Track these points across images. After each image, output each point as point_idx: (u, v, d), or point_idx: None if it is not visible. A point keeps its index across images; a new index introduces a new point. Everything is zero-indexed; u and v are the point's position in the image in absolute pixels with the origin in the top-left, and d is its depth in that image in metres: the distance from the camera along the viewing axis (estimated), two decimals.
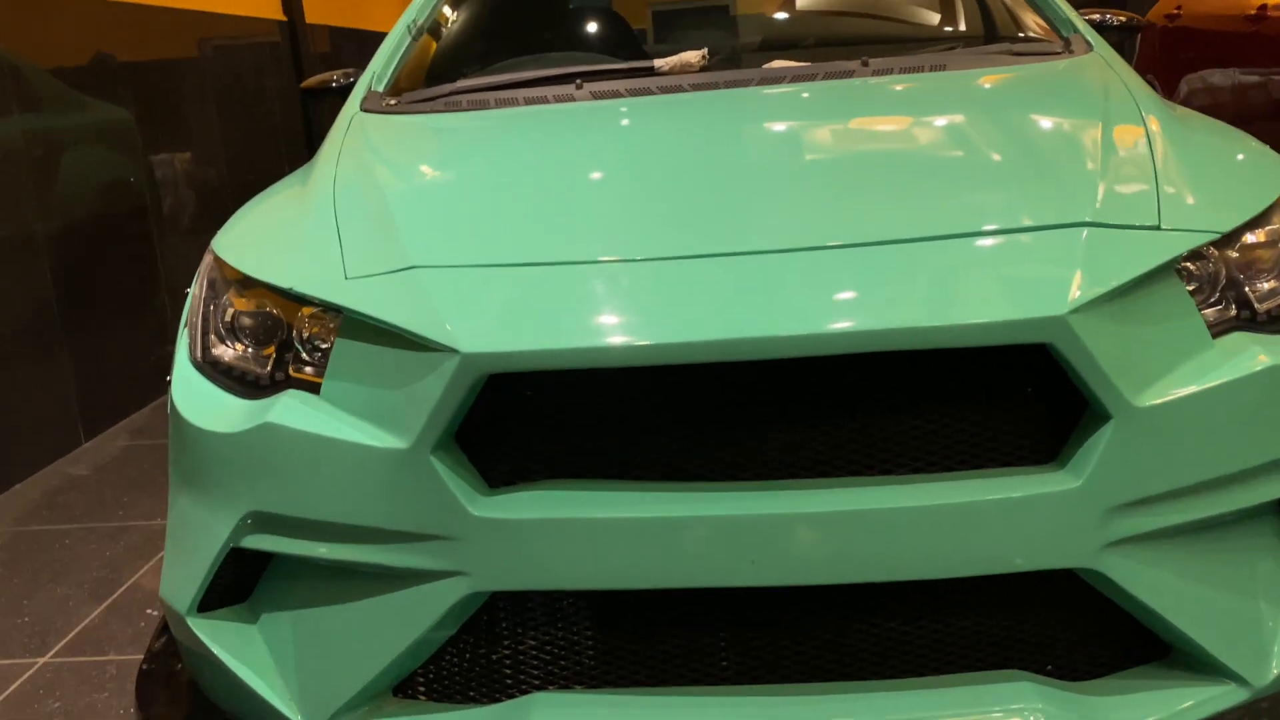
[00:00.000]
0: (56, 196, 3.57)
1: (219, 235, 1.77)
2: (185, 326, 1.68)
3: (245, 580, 1.55)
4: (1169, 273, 1.36)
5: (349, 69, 2.69)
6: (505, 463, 1.40)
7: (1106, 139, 1.61)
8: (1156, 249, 1.36)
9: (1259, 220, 1.48)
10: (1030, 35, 2.42)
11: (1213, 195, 1.49)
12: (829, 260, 1.37)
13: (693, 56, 2.22)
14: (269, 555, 1.51)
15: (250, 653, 1.51)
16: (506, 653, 1.44)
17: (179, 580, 1.55)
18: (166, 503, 1.63)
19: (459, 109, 2.11)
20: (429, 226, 1.56)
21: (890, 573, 1.30)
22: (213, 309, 1.63)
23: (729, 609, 1.40)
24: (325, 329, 1.50)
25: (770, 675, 1.39)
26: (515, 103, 2.09)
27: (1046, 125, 1.74)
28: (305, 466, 1.40)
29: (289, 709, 1.46)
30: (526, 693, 1.42)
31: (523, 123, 1.98)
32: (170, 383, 1.62)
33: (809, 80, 2.03)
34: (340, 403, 1.42)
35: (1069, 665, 1.39)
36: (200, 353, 1.61)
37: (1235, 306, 1.43)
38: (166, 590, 1.59)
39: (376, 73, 2.41)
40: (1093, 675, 1.38)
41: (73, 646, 2.25)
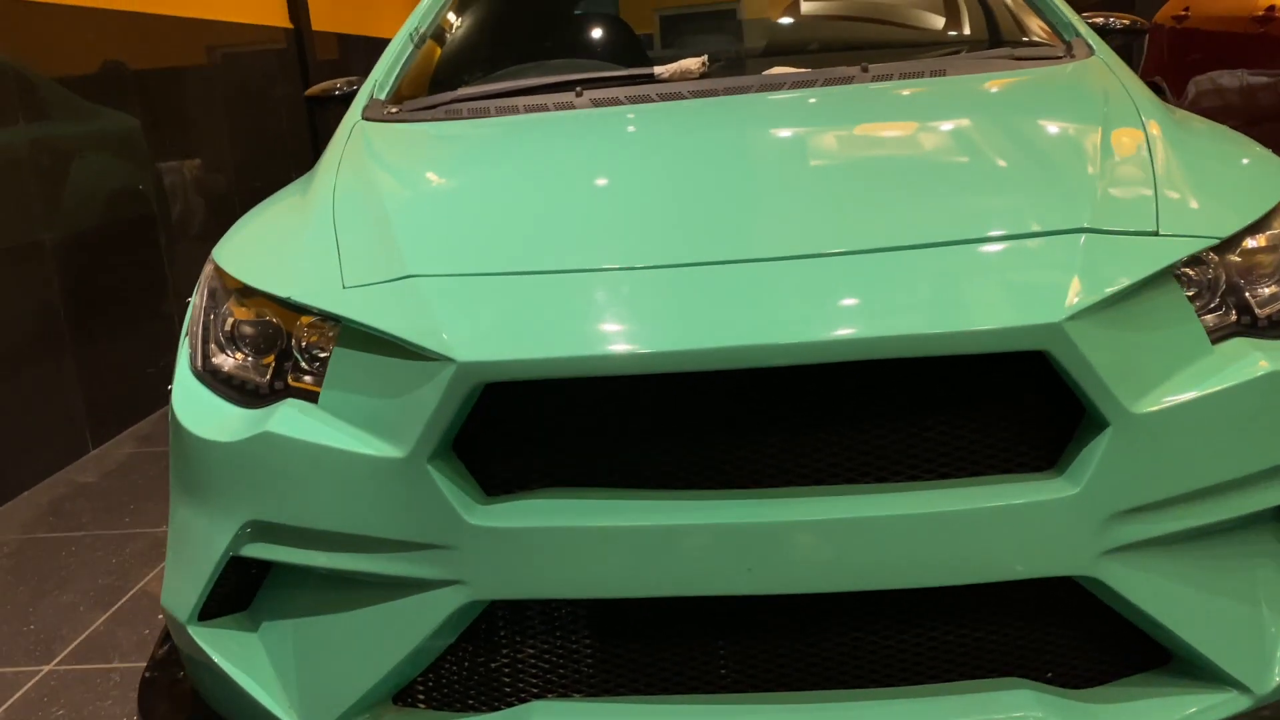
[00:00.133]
0: (64, 204, 3.59)
1: (220, 244, 1.78)
2: (186, 336, 1.69)
3: (246, 589, 1.56)
4: (1167, 278, 1.35)
5: (352, 77, 2.69)
6: (503, 471, 1.40)
7: (1106, 144, 1.60)
8: (1154, 254, 1.35)
9: (1259, 225, 1.47)
10: (1032, 39, 2.41)
11: (1212, 200, 1.48)
12: (824, 268, 1.36)
13: (692, 63, 2.22)
14: (269, 564, 1.52)
15: (251, 661, 1.52)
16: (505, 661, 1.44)
17: (180, 589, 1.56)
18: None
19: (459, 117, 2.11)
20: (427, 235, 1.56)
21: (888, 581, 1.29)
22: (213, 318, 1.63)
23: (728, 617, 1.40)
24: (324, 338, 1.50)
25: (769, 683, 1.39)
26: (515, 110, 2.09)
27: (1045, 130, 1.73)
28: (303, 476, 1.41)
29: (289, 717, 1.46)
30: (525, 701, 1.42)
31: (522, 131, 1.98)
32: (171, 392, 1.63)
33: (808, 86, 2.02)
34: (338, 412, 1.42)
35: (1069, 673, 1.38)
36: (200, 362, 1.61)
37: (1235, 312, 1.42)
38: (168, 599, 1.59)
39: (379, 81, 2.42)
40: (1093, 683, 1.38)
41: (77, 654, 2.26)
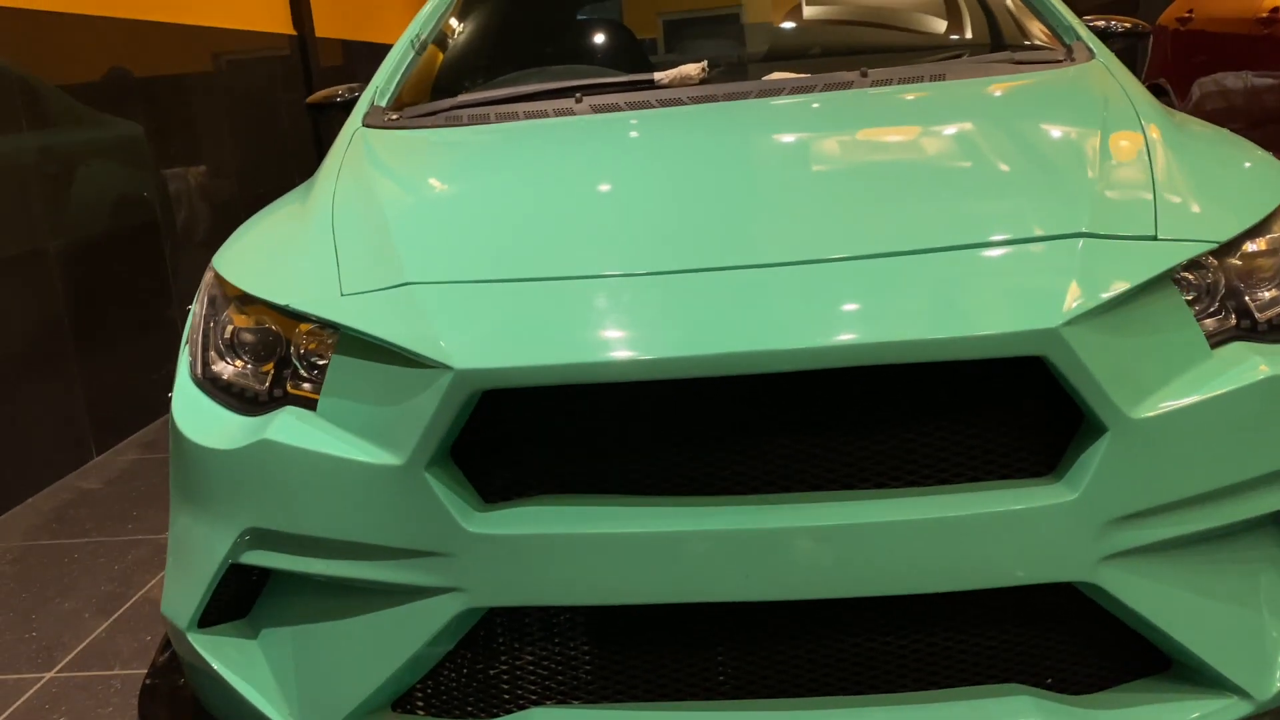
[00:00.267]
0: (68, 212, 3.60)
1: (220, 252, 1.78)
2: (186, 343, 1.69)
3: (245, 596, 1.56)
4: (1166, 283, 1.35)
5: (354, 84, 2.70)
6: (501, 478, 1.40)
7: (1105, 148, 1.60)
8: (1153, 259, 1.34)
9: (1259, 229, 1.46)
10: (1033, 43, 2.41)
11: (1212, 204, 1.48)
12: (823, 274, 1.36)
13: (692, 69, 2.22)
14: (269, 571, 1.52)
15: (250, 668, 1.52)
16: (504, 668, 1.44)
17: (180, 596, 1.56)
18: None
19: (459, 124, 2.12)
20: (425, 242, 1.56)
21: (887, 587, 1.29)
22: (213, 326, 1.64)
23: (727, 624, 1.40)
24: (323, 345, 1.50)
25: (768, 690, 1.39)
26: (515, 117, 2.09)
27: (1044, 135, 1.72)
28: (302, 483, 1.41)
29: None
30: (524, 708, 1.42)
31: (521, 137, 1.99)
32: (172, 399, 1.63)
33: (807, 92, 2.02)
34: (336, 419, 1.42)
35: (1069, 679, 1.38)
36: (200, 369, 1.62)
37: (1235, 316, 1.41)
38: (168, 606, 1.59)
39: (380, 87, 2.42)
40: (1093, 689, 1.37)
41: (79, 661, 2.26)
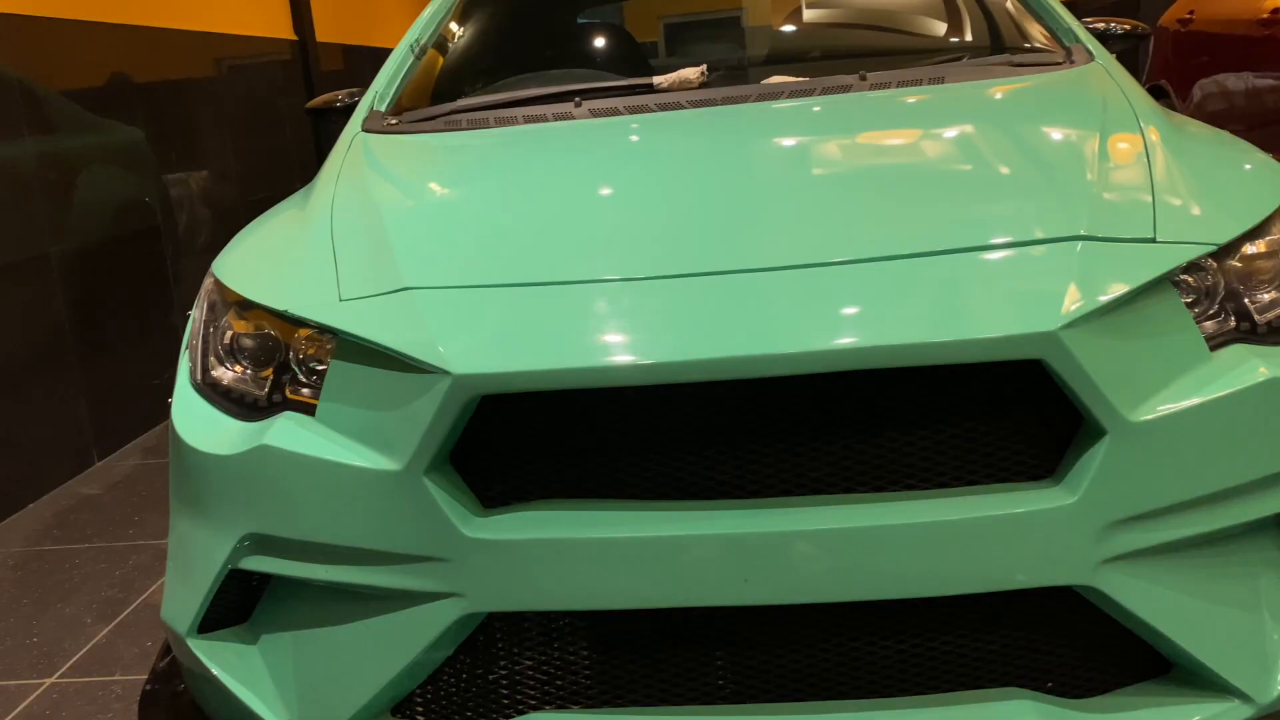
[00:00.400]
0: (70, 217, 3.60)
1: (220, 257, 1.78)
2: (186, 349, 1.69)
3: (245, 601, 1.56)
4: (1165, 285, 1.35)
5: (354, 89, 2.70)
6: (500, 483, 1.39)
7: (1103, 150, 1.60)
8: (1152, 262, 1.34)
9: (1258, 231, 1.46)
10: (1032, 45, 2.41)
11: (1211, 206, 1.48)
12: (821, 278, 1.36)
13: (691, 73, 2.22)
14: (268, 576, 1.52)
15: (250, 673, 1.52)
16: (503, 673, 1.44)
17: (180, 602, 1.56)
18: None
19: (459, 128, 2.12)
20: (424, 247, 1.56)
21: (887, 591, 1.29)
22: (213, 331, 1.64)
23: (726, 628, 1.39)
24: (321, 351, 1.50)
25: (768, 694, 1.39)
26: (514, 121, 2.09)
27: (1043, 137, 1.72)
28: (301, 488, 1.41)
29: None
30: (524, 713, 1.42)
31: (520, 142, 1.99)
32: (171, 405, 1.63)
33: (807, 95, 2.02)
34: (335, 424, 1.42)
35: (1069, 683, 1.38)
36: (200, 374, 1.62)
37: (1234, 318, 1.41)
38: (168, 611, 1.59)
39: (379, 92, 2.42)
40: (1093, 693, 1.37)
41: (80, 667, 2.26)
